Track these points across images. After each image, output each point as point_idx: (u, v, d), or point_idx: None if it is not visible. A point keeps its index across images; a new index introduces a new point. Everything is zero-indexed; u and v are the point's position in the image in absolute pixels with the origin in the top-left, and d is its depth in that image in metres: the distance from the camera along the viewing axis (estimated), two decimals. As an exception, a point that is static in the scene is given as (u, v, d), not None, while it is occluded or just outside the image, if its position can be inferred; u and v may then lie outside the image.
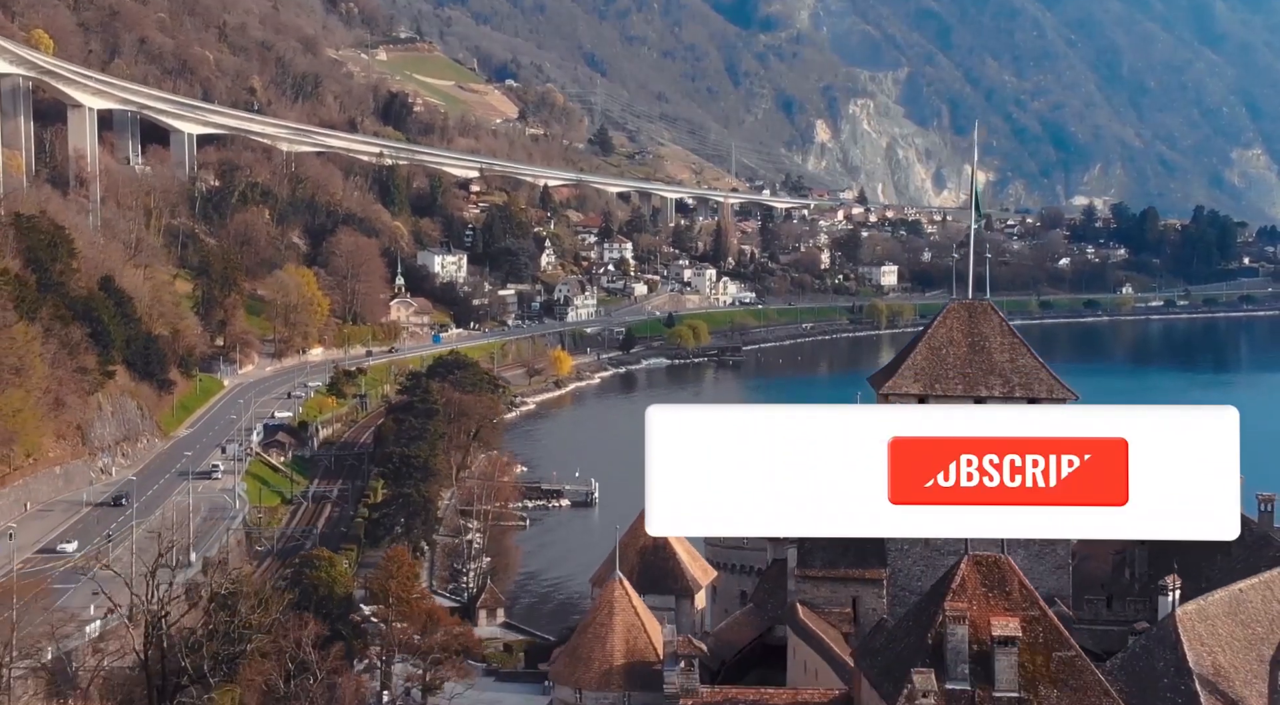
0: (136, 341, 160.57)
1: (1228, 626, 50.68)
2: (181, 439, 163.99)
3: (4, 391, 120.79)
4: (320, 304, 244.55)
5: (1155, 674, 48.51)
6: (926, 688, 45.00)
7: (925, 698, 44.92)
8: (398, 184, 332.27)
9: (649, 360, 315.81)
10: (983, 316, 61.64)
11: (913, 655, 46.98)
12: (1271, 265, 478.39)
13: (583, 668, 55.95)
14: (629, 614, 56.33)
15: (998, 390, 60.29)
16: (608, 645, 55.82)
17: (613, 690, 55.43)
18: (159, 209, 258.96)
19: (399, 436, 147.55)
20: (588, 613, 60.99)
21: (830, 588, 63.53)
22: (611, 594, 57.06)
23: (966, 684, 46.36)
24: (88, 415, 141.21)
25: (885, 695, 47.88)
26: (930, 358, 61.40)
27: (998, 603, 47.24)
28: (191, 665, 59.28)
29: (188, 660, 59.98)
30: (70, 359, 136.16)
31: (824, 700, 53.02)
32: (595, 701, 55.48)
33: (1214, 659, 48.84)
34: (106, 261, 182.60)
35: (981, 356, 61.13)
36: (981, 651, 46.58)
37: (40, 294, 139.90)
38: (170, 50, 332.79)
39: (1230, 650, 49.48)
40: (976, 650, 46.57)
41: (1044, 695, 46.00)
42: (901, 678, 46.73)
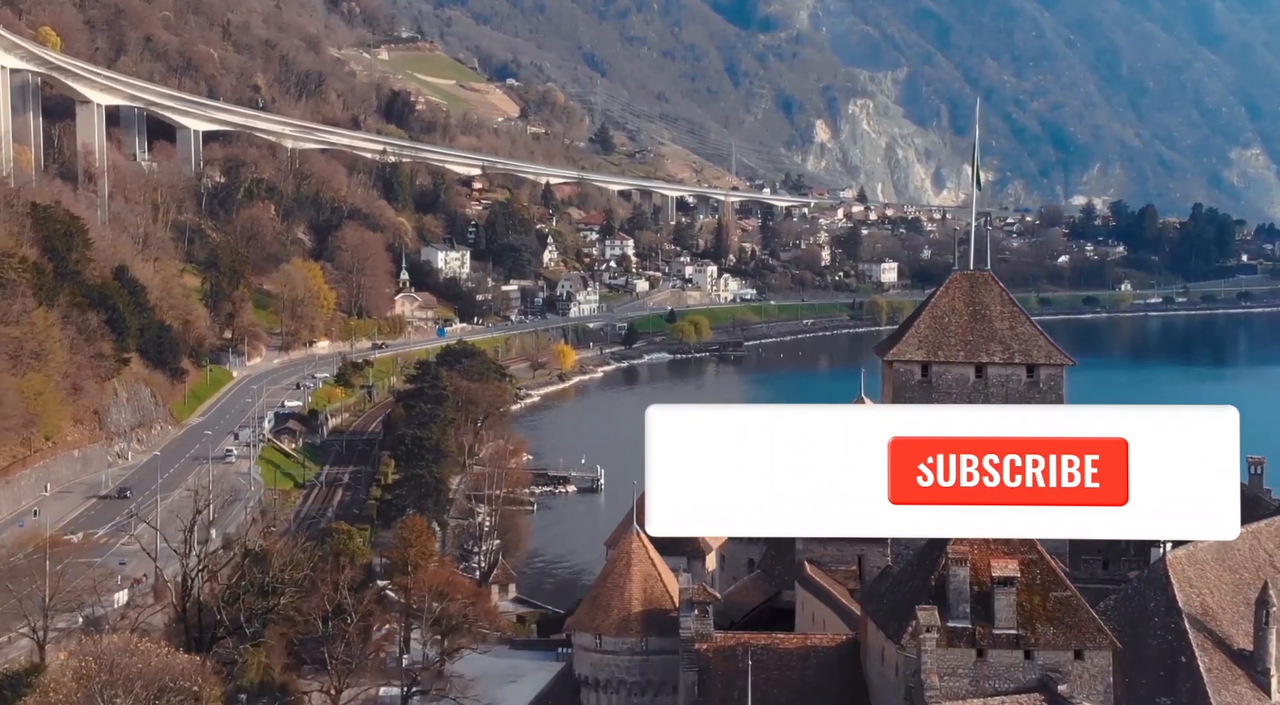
0: (150, 330, 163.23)
1: (1215, 571, 53.39)
2: (193, 426, 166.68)
3: (25, 375, 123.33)
4: (326, 297, 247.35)
5: (1146, 613, 51.21)
6: (930, 623, 47.70)
7: (929, 632, 47.61)
8: (401, 181, 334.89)
9: (651, 355, 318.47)
10: (983, 286, 64.14)
11: (917, 595, 49.62)
12: (1270, 263, 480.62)
13: (602, 615, 58.66)
14: (646, 565, 59.05)
15: (998, 356, 62.73)
16: (625, 593, 58.52)
17: (630, 636, 58.11)
18: (166, 204, 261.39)
19: (409, 422, 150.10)
20: (606, 564, 63.63)
21: (837, 547, 66.06)
22: (630, 546, 59.77)
23: (967, 622, 49.06)
24: (104, 401, 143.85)
25: (890, 634, 50.55)
26: (933, 326, 63.84)
27: (997, 546, 49.94)
28: (228, 617, 61.71)
29: (224, 612, 62.38)
30: (88, 345, 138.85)
31: (832, 644, 55.72)
32: (614, 646, 58.16)
33: (1202, 600, 51.54)
34: (117, 254, 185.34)
35: (982, 324, 63.56)
36: (982, 592, 49.27)
37: (57, 282, 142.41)
38: (175, 48, 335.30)
39: (1218, 593, 52.18)
40: (977, 591, 49.26)
41: (1041, 632, 48.72)
42: (906, 616, 49.42)
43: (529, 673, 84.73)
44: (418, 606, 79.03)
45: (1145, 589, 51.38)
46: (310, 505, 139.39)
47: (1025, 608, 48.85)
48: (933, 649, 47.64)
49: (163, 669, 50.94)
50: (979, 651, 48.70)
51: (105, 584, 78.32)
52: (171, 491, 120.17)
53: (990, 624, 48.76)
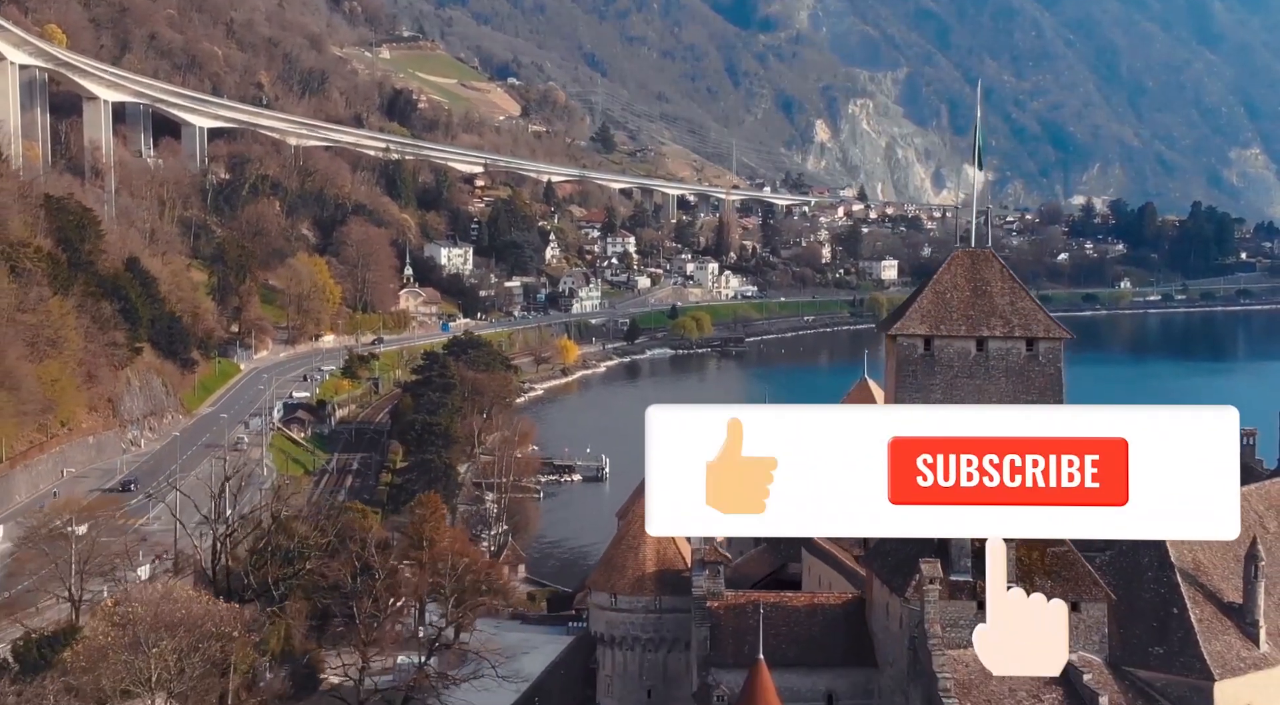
0: (161, 321, 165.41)
1: (1207, 530, 55.60)
2: (204, 416, 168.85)
3: (42, 362, 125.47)
4: (332, 292, 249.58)
5: (1140, 568, 53.47)
6: (934, 575, 49.96)
7: (932, 584, 49.88)
8: (404, 178, 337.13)
9: (653, 350, 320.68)
10: (984, 263, 66.36)
11: (920, 551, 51.85)
12: (1268, 260, 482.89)
13: (617, 575, 60.93)
14: (660, 527, 61.32)
15: (999, 330, 64.92)
16: (640, 555, 60.82)
17: (645, 595, 60.40)
18: (172, 200, 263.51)
19: (418, 409, 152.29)
20: (620, 528, 65.88)
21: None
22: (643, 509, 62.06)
23: (968, 576, 51.31)
24: (118, 389, 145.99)
25: (895, 588, 52.81)
26: (936, 301, 66.04)
27: (998, 504, 52.18)
28: (255, 581, 63.74)
29: (251, 577, 64.46)
30: (102, 333, 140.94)
31: (839, 601, 57.98)
32: (629, 605, 60.45)
33: (1194, 556, 53.80)
34: (126, 248, 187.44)
35: (984, 300, 65.77)
36: (982, 547, 51.50)
37: (71, 272, 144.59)
38: (179, 46, 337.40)
39: (1209, 550, 54.43)
40: (978, 546, 51.49)
41: (1039, 585, 50.86)
42: (910, 571, 51.69)
43: (541, 645, 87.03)
44: (434, 578, 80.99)
45: (1139, 545, 53.67)
46: (322, 490, 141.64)
47: (1024, 562, 51.09)
48: (936, 600, 49.89)
49: (203, 615, 53.24)
50: (980, 604, 50.81)
51: (134, 550, 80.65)
52: (188, 472, 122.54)
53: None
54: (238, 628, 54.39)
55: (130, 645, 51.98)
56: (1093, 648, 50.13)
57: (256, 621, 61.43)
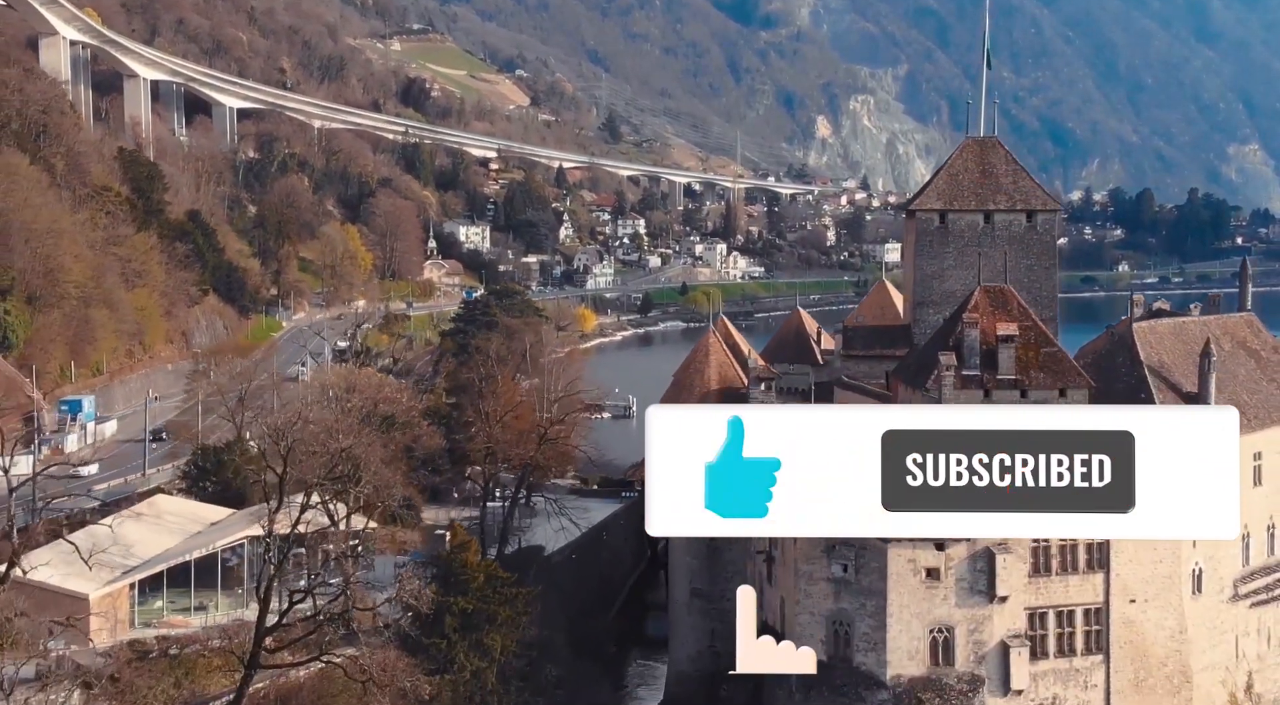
0: (221, 269, 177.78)
1: (1171, 341, 68.46)
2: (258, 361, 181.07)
3: (131, 290, 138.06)
4: (364, 258, 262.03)
5: (1115, 365, 66.21)
6: (950, 364, 62.56)
7: (948, 372, 62.52)
8: (423, 159, 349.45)
9: (665, 323, 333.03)
10: (991, 149, 79.09)
11: (938, 351, 64.49)
12: (1264, 244, 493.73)
13: (685, 393, 73.58)
14: (720, 354, 74.06)
15: (1003, 205, 77.64)
16: (705, 376, 73.52)
17: (710, 409, 73.06)
18: (207, 175, 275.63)
19: (460, 350, 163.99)
20: (688, 356, 78.60)
21: (869, 364, 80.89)
22: (707, 342, 74.93)
23: (978, 371, 63.91)
24: (189, 324, 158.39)
25: (917, 385, 65.44)
26: (949, 181, 78.69)
27: (1002, 315, 64.87)
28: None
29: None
30: (180, 270, 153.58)
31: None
32: (696, 418, 73.10)
33: (1160, 357, 66.54)
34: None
35: (990, 180, 78.39)
36: (989, 350, 64.09)
37: (146, 216, 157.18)
38: (206, 31, 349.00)
39: (1173, 354, 67.18)
40: (985, 349, 64.07)
41: (1034, 377, 63.61)
42: (930, 366, 64.37)
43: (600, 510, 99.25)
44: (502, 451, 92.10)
45: (1115, 349, 66.33)
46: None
47: (1022, 360, 63.66)
48: (951, 384, 62.41)
49: (380, 383, 65.46)
50: (986, 392, 63.53)
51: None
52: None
53: (995, 372, 63.65)
54: (403, 402, 66.72)
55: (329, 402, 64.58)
56: (1077, 425, 62.68)
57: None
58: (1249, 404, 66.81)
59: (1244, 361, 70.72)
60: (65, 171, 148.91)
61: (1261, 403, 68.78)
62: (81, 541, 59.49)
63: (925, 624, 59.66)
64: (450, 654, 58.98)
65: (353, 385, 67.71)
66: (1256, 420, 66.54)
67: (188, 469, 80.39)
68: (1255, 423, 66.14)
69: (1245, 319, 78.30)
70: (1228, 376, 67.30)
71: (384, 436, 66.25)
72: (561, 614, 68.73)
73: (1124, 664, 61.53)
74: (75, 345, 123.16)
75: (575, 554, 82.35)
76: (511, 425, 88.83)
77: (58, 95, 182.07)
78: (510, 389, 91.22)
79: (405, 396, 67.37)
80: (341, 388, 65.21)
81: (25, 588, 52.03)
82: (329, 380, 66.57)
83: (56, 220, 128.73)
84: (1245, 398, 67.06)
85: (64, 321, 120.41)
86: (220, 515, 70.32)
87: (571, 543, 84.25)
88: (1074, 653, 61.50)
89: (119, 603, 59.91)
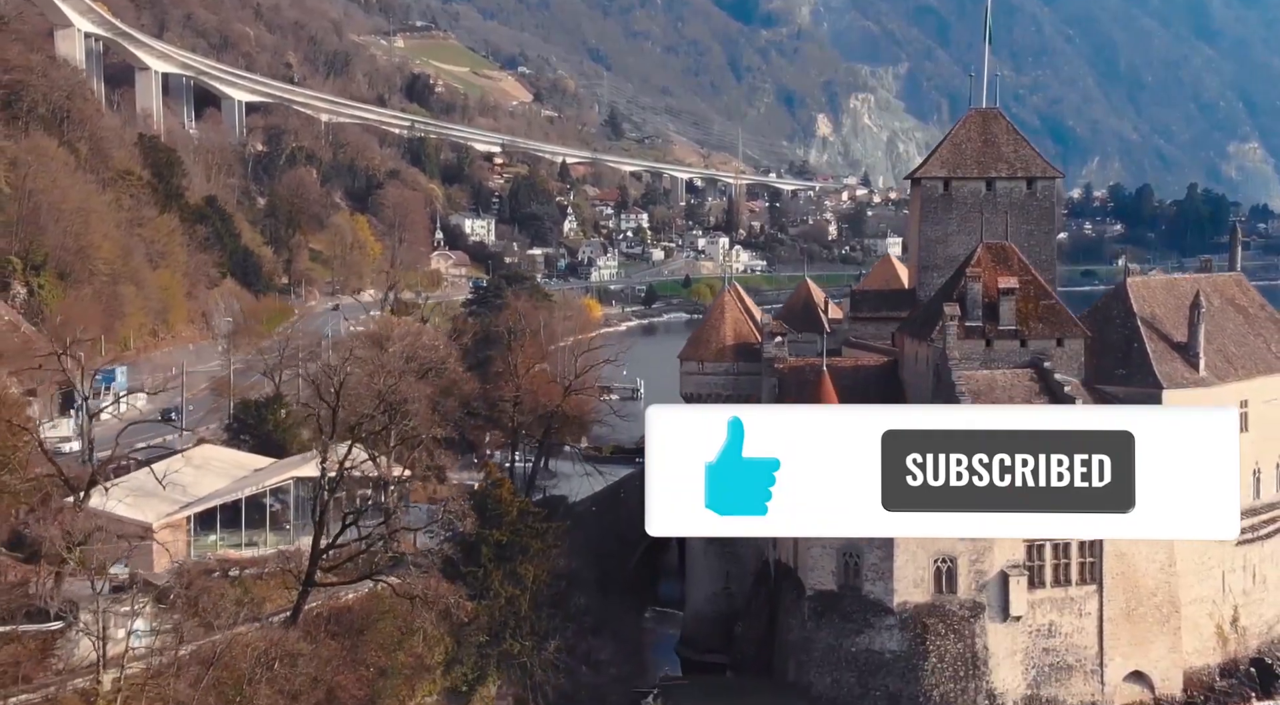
0: (238, 254, 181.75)
1: (1163, 295, 72.55)
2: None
3: (156, 270, 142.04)
4: (373, 248, 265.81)
5: (1110, 316, 70.24)
6: (953, 313, 66.56)
7: (952, 321, 66.49)
8: (429, 153, 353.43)
9: (669, 314, 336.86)
10: (993, 119, 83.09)
11: (943, 303, 68.51)
12: (1262, 239, 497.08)
13: (703, 347, 77.81)
14: (736, 311, 78.23)
15: (1004, 172, 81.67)
16: (721, 331, 77.69)
17: (725, 361, 77.32)
18: (217, 168, 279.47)
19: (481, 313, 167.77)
20: (706, 313, 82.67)
21: (875, 326, 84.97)
22: (723, 299, 79.08)
23: (980, 322, 67.94)
24: (209, 306, 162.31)
25: (923, 337, 69.50)
26: (953, 150, 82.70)
27: (1003, 270, 68.89)
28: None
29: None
30: (200, 252, 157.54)
31: (877, 362, 74.69)
32: (712, 369, 77.53)
33: (1152, 309, 70.58)
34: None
35: (992, 148, 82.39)
36: (990, 303, 68.13)
37: (167, 200, 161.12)
38: (214, 26, 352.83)
39: (1164, 307, 71.26)
40: (987, 302, 68.10)
41: (1033, 327, 67.65)
42: (935, 318, 68.39)
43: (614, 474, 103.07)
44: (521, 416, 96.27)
45: (1110, 302, 70.37)
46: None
47: (1022, 311, 67.67)
48: (954, 332, 66.45)
49: (416, 331, 69.43)
50: (988, 342, 67.57)
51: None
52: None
53: (996, 323, 67.68)
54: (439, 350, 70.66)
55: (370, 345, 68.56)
56: (1073, 372, 66.76)
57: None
58: (1236, 355, 71.02)
59: (1232, 317, 74.89)
60: (89, 155, 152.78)
61: (1248, 355, 72.98)
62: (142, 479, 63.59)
63: (930, 554, 63.65)
64: (486, 582, 63.19)
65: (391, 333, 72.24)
66: (1243, 370, 70.77)
67: (229, 422, 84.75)
68: (1241, 373, 70.33)
69: (1234, 278, 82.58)
70: (1216, 329, 71.42)
71: (423, 381, 70.67)
72: (587, 552, 72.82)
73: (1116, 594, 65.53)
74: (104, 321, 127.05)
75: (595, 507, 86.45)
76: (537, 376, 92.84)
77: (80, 82, 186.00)
78: (535, 345, 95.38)
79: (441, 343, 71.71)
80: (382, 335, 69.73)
81: (96, 516, 56.00)
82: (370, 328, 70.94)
83: (85, 200, 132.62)
84: (1233, 350, 71.19)
85: (94, 297, 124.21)
86: (262, 464, 74.39)
87: (592, 496, 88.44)
88: (1069, 582, 65.51)
89: (177, 535, 63.93)
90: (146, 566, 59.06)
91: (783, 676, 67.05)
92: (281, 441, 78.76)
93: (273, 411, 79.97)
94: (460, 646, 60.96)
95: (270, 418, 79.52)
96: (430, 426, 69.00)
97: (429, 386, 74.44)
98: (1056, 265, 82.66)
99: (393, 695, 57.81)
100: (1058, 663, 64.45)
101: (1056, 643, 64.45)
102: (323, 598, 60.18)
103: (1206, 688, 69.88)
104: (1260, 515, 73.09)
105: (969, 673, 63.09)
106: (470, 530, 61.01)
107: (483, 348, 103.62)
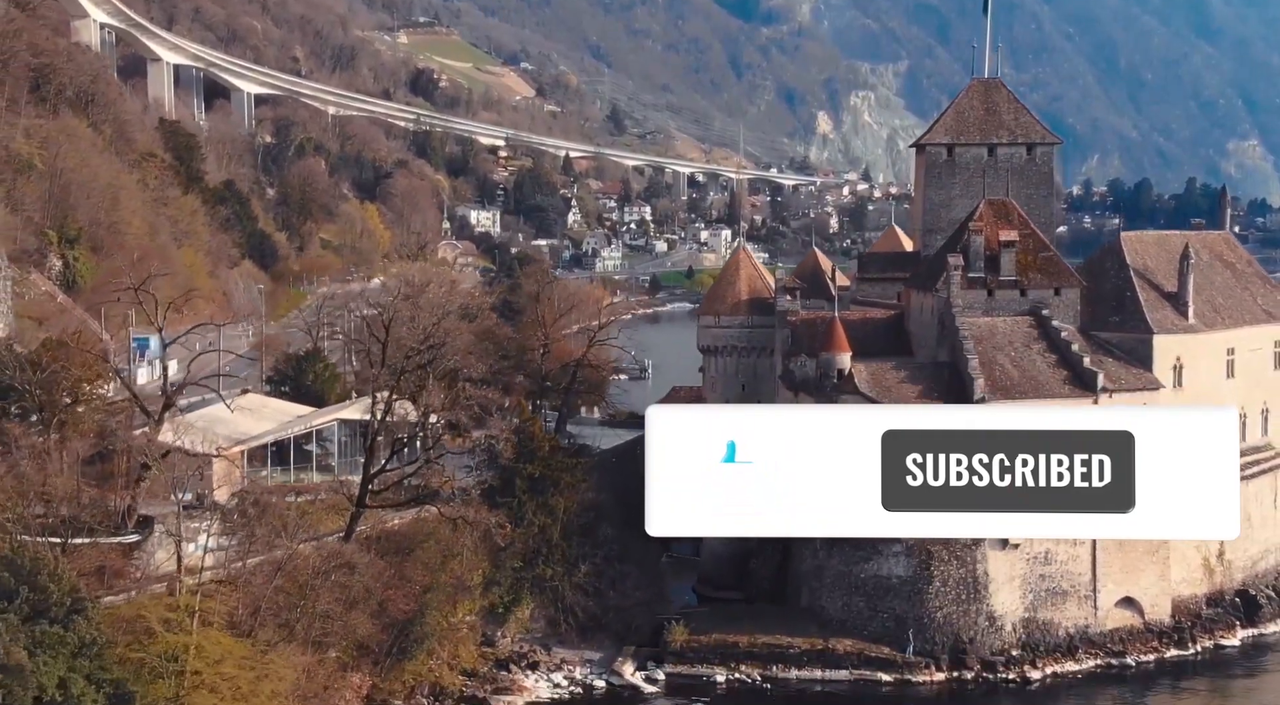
0: (256, 236, 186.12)
1: (1155, 249, 77.11)
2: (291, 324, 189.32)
3: (180, 248, 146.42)
4: (382, 236, 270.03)
5: (1105, 269, 74.77)
6: (957, 264, 70.98)
7: (955, 271, 70.90)
8: (434, 146, 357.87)
9: (673, 304, 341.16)
10: (995, 89, 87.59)
11: (946, 255, 72.90)
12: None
13: (719, 302, 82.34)
14: (750, 268, 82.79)
15: (1005, 138, 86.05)
16: (736, 287, 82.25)
17: (740, 315, 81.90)
18: (228, 157, 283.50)
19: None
20: (722, 270, 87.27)
21: (882, 287, 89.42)
22: (738, 257, 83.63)
23: (982, 273, 72.38)
24: (230, 285, 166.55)
25: (928, 288, 73.90)
26: (956, 118, 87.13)
27: (1004, 224, 73.34)
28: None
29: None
30: (222, 233, 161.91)
31: (885, 315, 79.12)
32: (728, 322, 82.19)
33: (1144, 262, 75.09)
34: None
35: (994, 117, 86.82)
36: (992, 256, 72.59)
37: (188, 183, 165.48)
38: (221, 19, 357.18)
39: (1156, 260, 75.79)
40: (989, 254, 72.55)
41: (1032, 278, 72.13)
42: (939, 271, 72.80)
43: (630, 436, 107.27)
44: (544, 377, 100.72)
45: (1104, 256, 74.91)
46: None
47: (1021, 263, 72.12)
48: (958, 281, 70.88)
49: (456, 278, 73.73)
50: (989, 292, 72.00)
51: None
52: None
53: (997, 274, 72.13)
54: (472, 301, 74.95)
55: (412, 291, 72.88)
56: (1069, 319, 71.25)
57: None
58: (1224, 306, 75.60)
59: (1220, 271, 79.49)
60: (113, 137, 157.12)
61: (1234, 306, 77.57)
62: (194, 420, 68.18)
63: (935, 487, 67.81)
64: (521, 512, 67.94)
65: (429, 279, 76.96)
66: (1230, 320, 75.38)
67: (271, 375, 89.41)
68: (1229, 322, 74.92)
69: (1223, 236, 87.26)
70: (1205, 282, 75.96)
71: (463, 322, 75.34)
72: (611, 493, 77.16)
73: (1109, 525, 69.51)
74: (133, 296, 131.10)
75: (615, 458, 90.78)
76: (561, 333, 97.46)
77: (104, 66, 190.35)
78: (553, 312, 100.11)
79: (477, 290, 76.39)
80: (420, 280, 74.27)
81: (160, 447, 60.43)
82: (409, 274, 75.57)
83: (114, 178, 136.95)
84: (1220, 301, 75.69)
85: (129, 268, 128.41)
86: (305, 411, 78.96)
87: (613, 449, 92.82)
88: (1065, 512, 69.48)
89: (232, 470, 68.42)
90: (209, 491, 63.54)
91: (796, 602, 71.65)
92: (320, 393, 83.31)
93: (311, 364, 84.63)
94: (497, 570, 65.96)
95: (309, 370, 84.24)
96: (470, 364, 73.69)
97: (467, 330, 79.19)
98: (1054, 227, 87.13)
99: (437, 610, 62.58)
100: (1053, 588, 68.98)
101: (1052, 569, 68.93)
102: (371, 523, 64.85)
103: (1193, 615, 74.46)
104: (1245, 457, 77.45)
105: (970, 596, 67.55)
106: (510, 458, 65.57)
107: (508, 309, 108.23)
